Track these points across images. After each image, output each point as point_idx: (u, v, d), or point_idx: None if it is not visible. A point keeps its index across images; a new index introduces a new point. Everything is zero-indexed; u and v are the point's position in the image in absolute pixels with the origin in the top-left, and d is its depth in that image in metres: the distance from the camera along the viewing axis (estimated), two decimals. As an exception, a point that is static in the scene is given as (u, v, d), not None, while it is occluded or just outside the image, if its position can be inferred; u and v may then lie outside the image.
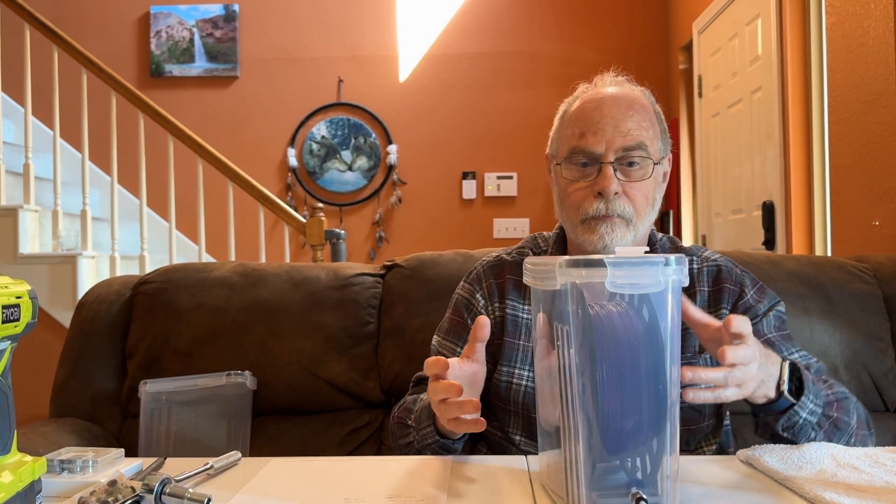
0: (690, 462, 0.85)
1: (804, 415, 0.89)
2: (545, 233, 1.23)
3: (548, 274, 0.68)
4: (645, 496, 0.63)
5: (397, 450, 1.10)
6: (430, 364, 0.86)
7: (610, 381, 0.64)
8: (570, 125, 1.07)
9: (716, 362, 1.08)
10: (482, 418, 0.84)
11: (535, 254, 1.18)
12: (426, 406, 1.00)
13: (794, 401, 0.88)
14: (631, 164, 1.03)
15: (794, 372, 0.91)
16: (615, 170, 1.02)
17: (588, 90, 1.10)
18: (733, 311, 1.08)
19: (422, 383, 1.19)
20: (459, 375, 0.90)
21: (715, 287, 1.11)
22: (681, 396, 0.68)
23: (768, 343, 1.06)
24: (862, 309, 1.47)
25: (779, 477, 0.77)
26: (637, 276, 0.64)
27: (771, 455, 0.83)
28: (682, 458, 0.83)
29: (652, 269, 0.64)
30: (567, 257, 0.65)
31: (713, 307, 1.10)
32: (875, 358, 1.45)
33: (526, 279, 0.78)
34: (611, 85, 1.09)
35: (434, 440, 0.98)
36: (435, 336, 1.22)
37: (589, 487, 0.65)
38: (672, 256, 0.65)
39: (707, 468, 0.83)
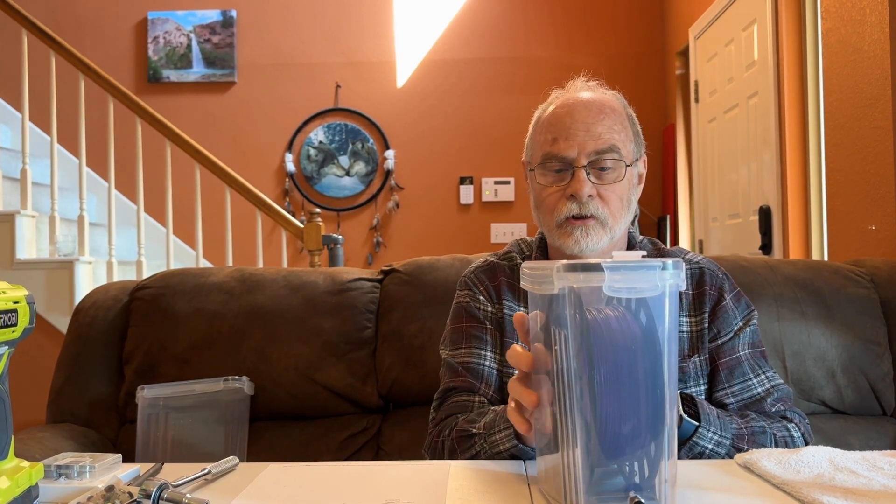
0: (688, 466, 0.86)
1: (708, 445, 0.93)
2: (528, 238, 1.23)
3: (545, 278, 0.68)
4: (643, 500, 0.63)
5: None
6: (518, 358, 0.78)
7: (608, 386, 0.64)
8: (543, 131, 1.09)
9: (705, 367, 1.08)
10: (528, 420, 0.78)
11: (521, 258, 1.19)
12: (503, 411, 0.97)
13: (696, 423, 0.91)
14: (603, 168, 1.04)
15: (689, 403, 0.94)
16: (588, 173, 1.04)
17: (560, 96, 1.11)
18: (712, 314, 1.09)
19: (451, 392, 1.11)
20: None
21: (697, 290, 1.12)
22: None
23: (737, 362, 1.08)
24: (859, 313, 1.48)
25: (776, 481, 0.77)
26: (634, 280, 0.64)
27: (769, 459, 0.83)
28: (679, 463, 0.83)
29: (649, 273, 0.64)
30: (565, 262, 0.65)
31: (696, 311, 1.11)
32: (872, 362, 1.45)
33: (524, 283, 0.78)
34: (582, 90, 1.11)
35: (511, 444, 0.92)
36: (442, 350, 1.17)
37: (587, 492, 0.65)
38: (669, 261, 0.65)
39: (705, 472, 0.83)
